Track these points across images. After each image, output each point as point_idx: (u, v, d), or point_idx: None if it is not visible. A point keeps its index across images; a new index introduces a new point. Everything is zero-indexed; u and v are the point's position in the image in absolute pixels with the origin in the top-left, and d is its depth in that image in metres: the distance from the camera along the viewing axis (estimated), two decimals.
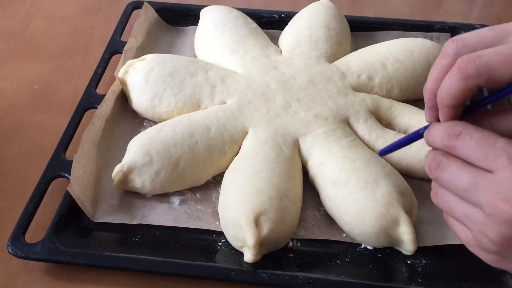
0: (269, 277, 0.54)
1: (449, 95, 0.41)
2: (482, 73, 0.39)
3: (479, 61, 0.39)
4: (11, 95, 0.76)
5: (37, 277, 0.56)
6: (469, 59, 0.39)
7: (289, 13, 0.83)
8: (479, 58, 0.39)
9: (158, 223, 0.59)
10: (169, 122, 0.64)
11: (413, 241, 0.55)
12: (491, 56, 0.39)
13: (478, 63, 0.39)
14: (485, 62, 0.39)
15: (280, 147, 0.62)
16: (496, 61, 0.38)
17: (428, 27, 0.83)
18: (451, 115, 0.42)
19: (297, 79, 0.69)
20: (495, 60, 0.39)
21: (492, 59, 0.39)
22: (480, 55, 0.39)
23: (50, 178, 0.61)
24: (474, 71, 0.39)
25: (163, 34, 0.83)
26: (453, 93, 0.40)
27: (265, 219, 0.54)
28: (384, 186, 0.57)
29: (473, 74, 0.39)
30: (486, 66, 0.39)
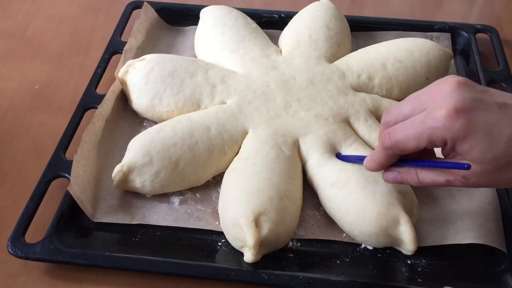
0: (269, 277, 0.54)
1: (378, 161, 0.54)
2: (394, 146, 0.50)
3: (391, 136, 0.50)
4: (11, 95, 0.76)
5: (37, 277, 0.56)
6: (386, 134, 0.51)
7: (289, 13, 0.83)
8: (392, 133, 0.50)
9: (158, 223, 0.59)
10: (169, 122, 0.64)
11: (413, 241, 0.55)
12: (398, 132, 0.50)
13: (391, 138, 0.50)
14: (395, 137, 0.50)
15: (280, 147, 0.62)
16: (401, 137, 0.49)
17: (428, 27, 0.83)
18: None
19: (297, 79, 0.69)
20: (401, 135, 0.50)
21: (398, 134, 0.50)
22: (393, 131, 0.50)
23: (50, 178, 0.61)
24: (388, 144, 0.51)
25: (163, 34, 0.83)
26: (379, 159, 0.53)
27: (265, 219, 0.54)
28: (384, 186, 0.57)
29: (388, 146, 0.51)
30: (395, 141, 0.50)
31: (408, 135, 0.49)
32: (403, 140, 0.49)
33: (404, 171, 0.52)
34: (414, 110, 0.50)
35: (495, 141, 0.46)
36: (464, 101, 0.46)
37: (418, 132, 0.48)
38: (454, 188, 0.62)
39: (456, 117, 0.46)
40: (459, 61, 0.80)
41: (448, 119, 0.46)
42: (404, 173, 0.52)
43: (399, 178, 0.53)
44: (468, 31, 0.82)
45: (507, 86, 0.74)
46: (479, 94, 0.47)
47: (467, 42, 0.82)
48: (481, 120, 0.46)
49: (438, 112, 0.47)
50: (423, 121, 0.48)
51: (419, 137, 0.48)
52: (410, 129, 0.49)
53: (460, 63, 0.80)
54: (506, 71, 0.76)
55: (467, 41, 0.82)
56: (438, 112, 0.47)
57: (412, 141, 0.49)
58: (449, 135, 0.47)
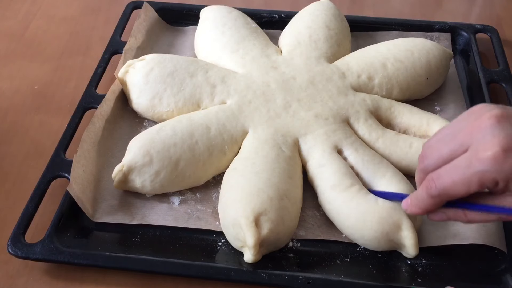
0: (269, 277, 0.54)
1: (423, 207, 0.51)
2: (442, 194, 0.48)
3: (437, 183, 0.48)
4: (11, 95, 0.76)
5: (37, 277, 0.56)
6: (430, 181, 0.48)
7: (289, 13, 0.83)
8: (437, 180, 0.48)
9: (158, 223, 0.59)
10: (169, 122, 0.64)
11: (415, 246, 0.55)
12: (445, 178, 0.47)
13: (437, 185, 0.48)
14: (442, 186, 0.47)
15: (280, 147, 0.62)
16: (448, 183, 0.47)
17: (428, 27, 0.83)
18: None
19: (297, 79, 0.69)
20: (447, 182, 0.47)
21: (445, 181, 0.47)
22: (438, 177, 0.48)
23: (50, 178, 0.61)
24: (436, 192, 0.48)
25: (163, 34, 0.83)
26: (425, 206, 0.50)
27: (265, 219, 0.54)
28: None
29: (435, 195, 0.48)
30: (443, 188, 0.47)
31: (456, 181, 0.46)
32: (451, 188, 0.47)
33: (451, 212, 0.50)
34: (454, 152, 0.47)
35: None
36: (509, 138, 0.44)
37: (467, 177, 0.45)
38: None
39: (504, 158, 0.44)
40: (459, 61, 0.80)
41: (496, 161, 0.44)
42: (451, 213, 0.50)
43: (445, 218, 0.51)
44: (468, 31, 0.82)
45: (507, 86, 0.74)
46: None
47: (467, 42, 0.82)
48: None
49: (484, 153, 0.44)
50: (469, 165, 0.45)
51: (468, 183, 0.46)
52: (457, 174, 0.46)
53: (460, 63, 0.80)
54: (506, 71, 0.76)
55: (467, 41, 0.82)
56: (483, 153, 0.44)
57: (461, 187, 0.46)
58: (501, 177, 0.44)
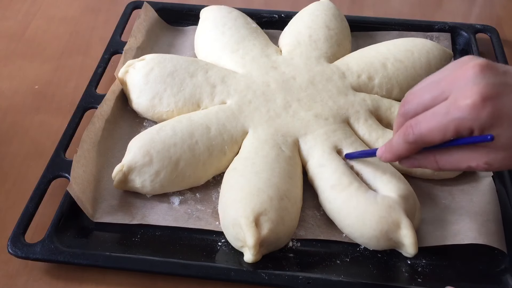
0: (269, 277, 0.54)
1: (398, 153, 0.51)
2: (418, 139, 0.48)
3: (415, 130, 0.48)
4: (11, 95, 0.76)
5: (37, 277, 0.56)
6: (408, 127, 0.48)
7: (289, 13, 0.83)
8: (415, 126, 0.48)
9: (158, 223, 0.59)
10: (169, 122, 0.64)
11: (414, 244, 0.55)
12: (422, 124, 0.47)
13: (414, 131, 0.48)
14: (419, 132, 0.47)
15: (280, 147, 0.62)
16: (425, 130, 0.47)
17: (428, 27, 0.83)
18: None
19: (297, 79, 0.69)
20: (425, 128, 0.47)
21: (422, 127, 0.47)
22: (416, 123, 0.48)
23: (50, 178, 0.61)
24: (412, 138, 0.48)
25: (163, 34, 0.83)
26: (399, 151, 0.51)
27: (265, 219, 0.54)
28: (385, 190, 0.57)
29: (412, 141, 0.49)
30: (419, 135, 0.48)
31: (433, 127, 0.46)
32: (428, 134, 0.47)
33: (422, 157, 0.50)
34: (435, 99, 0.47)
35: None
36: (489, 87, 0.44)
37: (443, 124, 0.46)
38: (454, 188, 0.62)
39: (482, 106, 0.44)
40: None
41: (474, 108, 0.44)
42: (422, 159, 0.50)
43: (416, 163, 0.51)
44: (468, 31, 0.82)
45: None
46: (503, 78, 0.45)
47: (467, 42, 0.82)
48: (507, 106, 0.44)
49: (463, 101, 0.44)
50: (447, 112, 0.45)
51: (444, 129, 0.46)
52: (434, 121, 0.46)
53: None
54: None
55: (467, 41, 0.82)
56: (463, 101, 0.44)
57: (438, 134, 0.46)
58: (476, 125, 0.44)
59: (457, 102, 0.45)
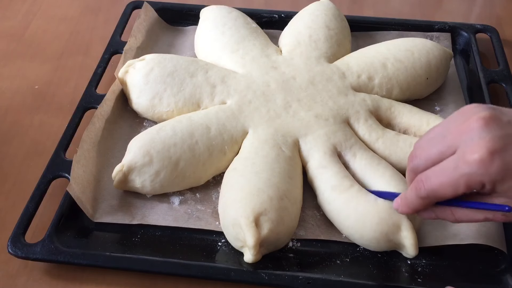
0: (269, 277, 0.54)
1: (413, 208, 0.51)
2: (430, 195, 0.48)
3: (426, 184, 0.48)
4: (11, 95, 0.76)
5: (37, 277, 0.56)
6: (419, 182, 0.49)
7: (289, 13, 0.83)
8: (426, 181, 0.48)
9: (158, 223, 0.59)
10: (169, 122, 0.64)
11: (414, 246, 0.55)
12: (432, 179, 0.47)
13: (426, 187, 0.48)
14: (430, 187, 0.48)
15: (280, 147, 0.62)
16: (436, 185, 0.47)
17: (428, 27, 0.83)
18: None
19: (297, 79, 0.69)
20: (435, 184, 0.47)
21: (433, 183, 0.47)
22: (426, 179, 0.48)
23: (50, 178, 0.61)
24: (424, 193, 0.48)
25: (163, 34, 0.83)
26: (414, 206, 0.51)
27: (265, 219, 0.54)
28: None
29: (424, 196, 0.49)
30: (431, 190, 0.48)
31: (443, 183, 0.46)
32: (439, 189, 0.47)
33: (439, 210, 0.50)
34: (442, 154, 0.47)
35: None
36: (495, 141, 0.44)
37: (454, 180, 0.46)
38: None
39: (491, 160, 0.44)
40: (459, 61, 0.80)
41: (483, 163, 0.44)
42: (439, 212, 0.50)
43: (434, 216, 0.51)
44: (468, 31, 0.82)
45: (507, 86, 0.74)
46: (508, 129, 0.45)
47: (467, 42, 0.82)
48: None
49: (471, 156, 0.44)
50: (456, 167, 0.45)
51: (455, 185, 0.46)
52: (444, 176, 0.46)
53: (460, 63, 0.80)
54: (506, 71, 0.76)
55: (467, 41, 0.82)
56: (470, 156, 0.44)
57: (449, 189, 0.46)
58: (487, 179, 0.44)
59: (465, 157, 0.45)
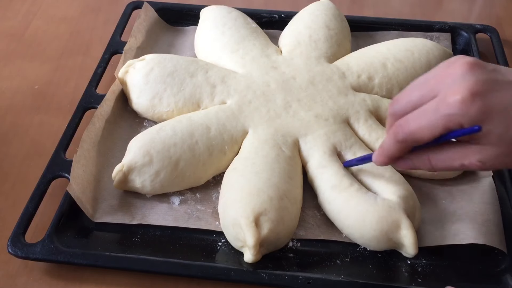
0: (269, 277, 0.54)
1: (390, 154, 0.51)
2: (408, 138, 0.48)
3: (405, 128, 0.48)
4: (11, 95, 0.76)
5: (37, 277, 0.56)
6: (398, 126, 0.48)
7: (289, 13, 0.83)
8: (405, 124, 0.48)
9: (158, 223, 0.59)
10: (169, 122, 0.64)
11: (414, 245, 0.55)
12: (411, 122, 0.47)
13: (404, 130, 0.48)
14: (409, 130, 0.47)
15: (280, 147, 0.62)
16: (414, 128, 0.47)
17: (428, 27, 0.83)
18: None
19: (297, 79, 0.69)
20: (414, 126, 0.47)
21: (412, 125, 0.47)
22: (406, 122, 0.48)
23: (50, 178, 0.61)
24: (402, 137, 0.48)
25: (163, 34, 0.83)
26: (391, 152, 0.51)
27: (265, 219, 0.54)
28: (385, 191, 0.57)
29: (402, 139, 0.48)
30: (409, 133, 0.48)
31: (422, 125, 0.46)
32: (417, 131, 0.47)
33: (415, 157, 0.50)
34: (423, 97, 0.47)
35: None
36: (478, 84, 0.44)
37: (433, 121, 0.45)
38: (454, 188, 0.62)
39: (472, 102, 0.44)
40: None
41: (464, 104, 0.44)
42: (416, 159, 0.50)
43: (410, 164, 0.50)
44: (468, 31, 0.82)
45: None
46: (492, 74, 0.45)
47: (467, 42, 0.82)
48: (497, 102, 0.44)
49: (452, 97, 0.44)
50: (436, 109, 0.45)
51: (434, 126, 0.46)
52: (424, 118, 0.46)
53: None
54: None
55: (467, 41, 0.82)
56: (452, 97, 0.44)
57: (427, 131, 0.46)
58: (466, 121, 0.44)
59: (446, 99, 0.45)
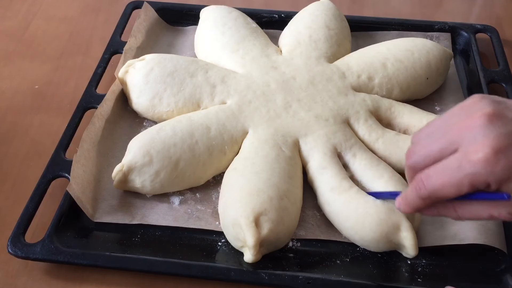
0: (269, 277, 0.54)
1: (414, 207, 0.49)
2: (432, 196, 0.46)
3: (428, 186, 0.46)
4: (11, 95, 0.76)
5: (37, 277, 0.56)
6: (419, 181, 0.47)
7: (289, 13, 0.83)
8: (427, 181, 0.46)
9: (158, 223, 0.59)
10: (169, 122, 0.64)
11: (414, 246, 0.55)
12: (434, 179, 0.46)
13: (427, 187, 0.46)
14: (432, 188, 0.46)
15: (280, 147, 0.62)
16: (438, 185, 0.45)
17: (428, 27, 0.83)
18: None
19: (297, 79, 0.69)
20: (437, 183, 0.45)
21: (435, 183, 0.45)
22: (428, 179, 0.46)
23: (50, 178, 0.61)
24: (425, 194, 0.47)
25: (163, 34, 0.83)
26: (416, 206, 0.49)
27: (265, 219, 0.54)
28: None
29: (425, 197, 0.47)
30: (433, 190, 0.46)
31: (445, 183, 0.45)
32: (441, 189, 0.45)
33: (441, 207, 0.48)
34: (443, 151, 0.46)
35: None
36: (500, 139, 0.43)
37: (458, 179, 0.44)
38: None
39: (496, 160, 0.42)
40: (459, 61, 0.80)
41: (488, 163, 0.42)
42: (442, 208, 0.48)
43: (436, 212, 0.49)
44: (468, 31, 0.82)
45: (507, 86, 0.74)
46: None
47: (467, 42, 0.82)
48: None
49: (475, 155, 0.43)
50: (460, 166, 0.44)
51: (459, 184, 0.44)
52: (447, 176, 0.45)
53: (460, 63, 0.80)
54: (506, 71, 0.76)
55: (467, 41, 0.82)
56: (474, 155, 0.43)
57: (452, 189, 0.45)
58: (492, 179, 0.43)
59: (469, 156, 0.43)
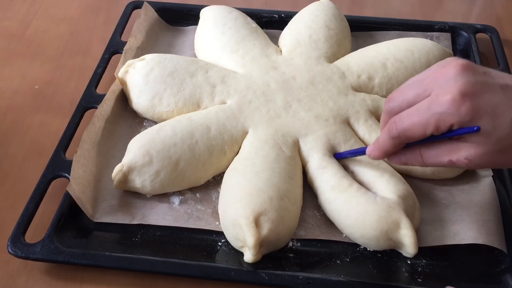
0: (269, 277, 0.54)
1: (384, 149, 0.53)
2: (401, 134, 0.50)
3: (398, 125, 0.50)
4: (11, 95, 0.76)
5: (37, 277, 0.56)
6: (392, 123, 0.51)
7: (289, 13, 0.83)
8: (399, 121, 0.50)
9: (158, 223, 0.59)
10: (169, 122, 0.64)
11: (414, 244, 0.55)
12: (405, 120, 0.50)
13: (398, 127, 0.50)
14: (402, 127, 0.50)
15: (280, 147, 0.62)
16: (408, 125, 0.49)
17: (428, 27, 0.83)
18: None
19: (297, 79, 0.69)
20: (407, 123, 0.49)
21: (405, 123, 0.50)
22: (399, 119, 0.50)
23: (50, 178, 0.61)
24: (396, 133, 0.51)
25: (163, 34, 0.83)
26: (385, 147, 0.53)
27: (265, 219, 0.54)
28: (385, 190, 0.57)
29: (395, 135, 0.51)
30: (402, 129, 0.50)
31: (415, 122, 0.49)
32: (410, 128, 0.49)
33: (408, 152, 0.52)
34: (418, 96, 0.50)
35: (499, 123, 0.46)
36: (469, 85, 0.47)
37: (425, 119, 0.48)
38: (454, 188, 0.62)
39: (462, 102, 0.46)
40: None
41: (454, 103, 0.46)
42: (409, 154, 0.52)
43: (403, 159, 0.53)
44: (468, 31, 0.82)
45: None
46: (482, 77, 0.48)
47: (467, 42, 0.82)
48: (486, 103, 0.46)
49: (444, 97, 0.47)
50: (428, 108, 0.48)
51: (426, 124, 0.48)
52: (416, 116, 0.49)
53: None
54: (506, 71, 0.76)
55: (467, 41, 0.82)
56: (443, 97, 0.47)
57: (419, 129, 0.49)
58: (456, 120, 0.47)
59: (438, 98, 0.47)
